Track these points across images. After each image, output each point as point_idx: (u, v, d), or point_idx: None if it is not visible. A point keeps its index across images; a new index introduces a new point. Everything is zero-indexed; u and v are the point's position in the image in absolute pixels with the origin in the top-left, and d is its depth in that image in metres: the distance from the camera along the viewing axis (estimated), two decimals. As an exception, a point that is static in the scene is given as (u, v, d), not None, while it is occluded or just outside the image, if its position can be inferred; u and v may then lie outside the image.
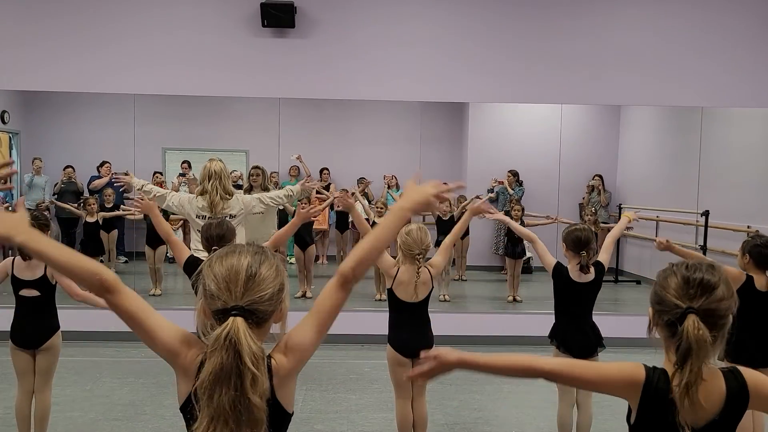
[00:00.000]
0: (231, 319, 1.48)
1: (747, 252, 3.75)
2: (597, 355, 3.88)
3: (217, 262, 1.56)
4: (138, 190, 5.17)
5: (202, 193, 4.85)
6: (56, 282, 3.88)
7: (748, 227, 7.12)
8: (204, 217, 4.78)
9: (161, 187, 8.87)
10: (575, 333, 3.87)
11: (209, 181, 4.80)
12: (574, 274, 3.86)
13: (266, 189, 6.61)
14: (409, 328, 3.85)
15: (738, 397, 1.69)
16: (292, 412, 1.64)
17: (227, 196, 4.85)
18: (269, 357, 1.58)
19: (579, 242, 3.83)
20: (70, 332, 4.09)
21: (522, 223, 8.09)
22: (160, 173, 9.12)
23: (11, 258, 3.89)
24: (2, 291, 4.81)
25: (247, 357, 1.44)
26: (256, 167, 6.60)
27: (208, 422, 1.44)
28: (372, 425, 4.61)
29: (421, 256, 3.80)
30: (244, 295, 1.51)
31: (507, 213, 8.33)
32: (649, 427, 1.73)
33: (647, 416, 1.71)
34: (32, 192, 8.71)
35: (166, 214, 8.62)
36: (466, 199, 8.68)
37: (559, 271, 3.92)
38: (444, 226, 8.07)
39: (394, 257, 3.88)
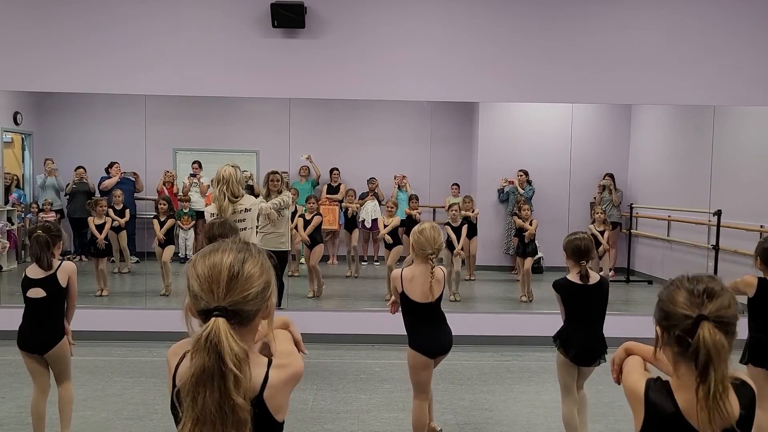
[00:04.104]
0: (213, 320, 1.45)
1: (758, 255, 3.77)
2: (598, 364, 3.84)
3: (200, 261, 1.53)
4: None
5: (215, 199, 5.17)
6: (67, 285, 3.85)
7: (761, 227, 7.07)
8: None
9: (171, 184, 9.00)
10: (579, 340, 3.81)
11: (218, 186, 5.04)
12: (577, 279, 3.83)
13: (280, 192, 6.71)
14: (429, 329, 3.87)
15: (750, 408, 1.70)
16: (283, 422, 1.59)
17: (234, 198, 5.05)
18: (269, 364, 1.55)
19: (579, 251, 3.80)
20: (81, 332, 4.11)
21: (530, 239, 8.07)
22: (172, 174, 9.16)
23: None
24: (14, 291, 4.84)
25: (228, 358, 1.41)
26: (276, 172, 6.67)
27: (192, 424, 1.41)
28: (382, 425, 4.60)
29: (434, 255, 3.80)
30: (226, 296, 1.48)
31: (515, 213, 8.35)
32: None
33: (651, 428, 1.71)
34: (45, 193, 8.79)
35: (179, 213, 8.69)
36: (472, 200, 8.67)
37: (560, 283, 3.90)
38: (453, 232, 8.06)
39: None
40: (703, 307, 1.65)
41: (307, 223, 7.99)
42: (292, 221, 8.06)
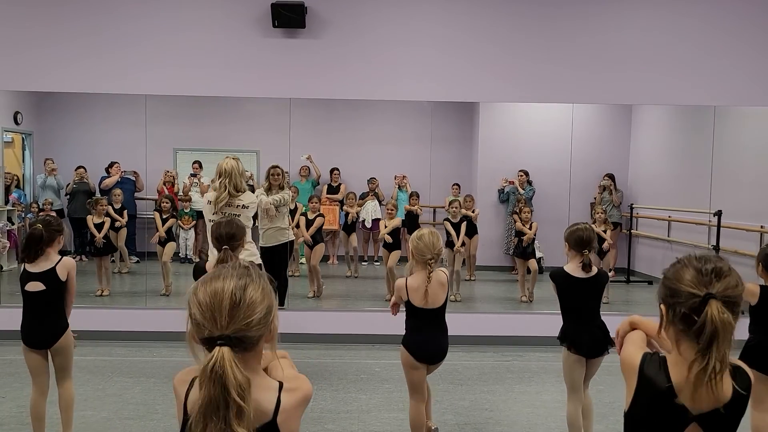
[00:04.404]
0: (217, 349, 1.46)
1: (760, 261, 3.78)
2: (607, 353, 3.87)
3: (201, 289, 1.53)
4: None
5: (214, 190, 5.08)
6: (66, 280, 3.85)
7: (762, 227, 7.07)
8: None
9: (171, 184, 8.99)
10: (583, 333, 3.86)
11: (218, 179, 4.98)
12: (575, 272, 3.87)
13: (282, 188, 6.70)
14: (425, 334, 3.87)
15: (743, 395, 1.70)
16: None
17: (236, 192, 4.96)
18: (280, 389, 1.57)
19: (581, 241, 3.86)
20: (82, 332, 4.10)
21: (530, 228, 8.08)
22: (172, 174, 9.15)
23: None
24: (14, 291, 4.84)
25: (232, 389, 1.42)
26: (277, 166, 6.66)
27: None
28: (383, 425, 4.61)
29: (433, 261, 3.80)
30: (229, 324, 1.48)
31: (516, 212, 8.35)
32: (643, 414, 1.73)
33: (642, 401, 1.72)
34: (45, 193, 8.78)
35: (180, 213, 8.69)
36: (473, 199, 8.67)
37: (557, 273, 3.95)
38: (453, 228, 8.06)
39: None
40: (711, 286, 1.65)
41: (309, 222, 7.99)
42: (293, 219, 8.07)
